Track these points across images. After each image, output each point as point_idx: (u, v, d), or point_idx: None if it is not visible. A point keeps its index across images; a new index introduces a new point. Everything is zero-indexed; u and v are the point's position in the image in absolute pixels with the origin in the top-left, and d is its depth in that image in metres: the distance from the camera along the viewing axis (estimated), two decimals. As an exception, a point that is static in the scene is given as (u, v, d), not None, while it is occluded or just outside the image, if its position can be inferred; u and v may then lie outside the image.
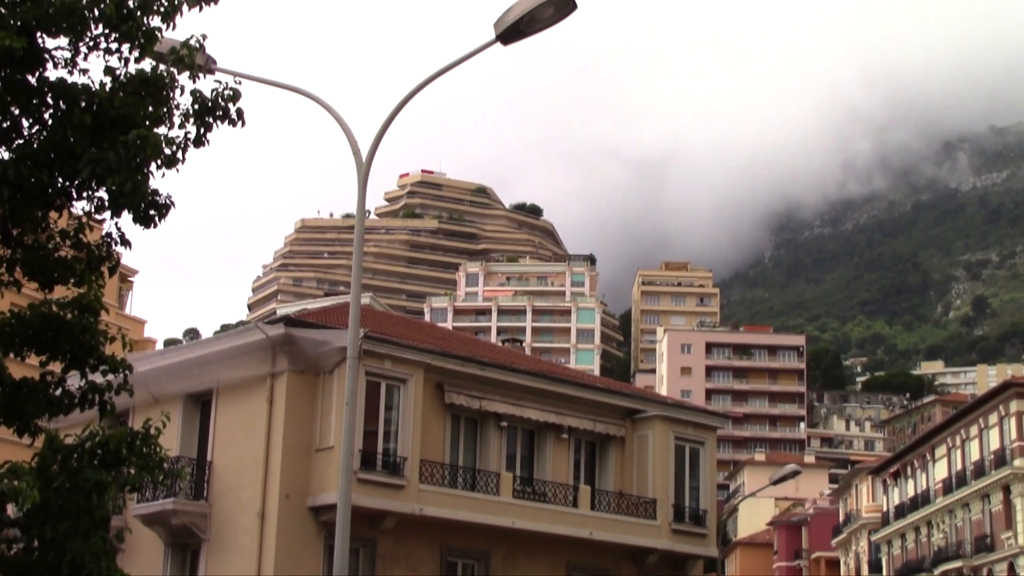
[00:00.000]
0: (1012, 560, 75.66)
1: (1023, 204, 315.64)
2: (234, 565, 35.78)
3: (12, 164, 12.75)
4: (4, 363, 13.01)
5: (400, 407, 36.30)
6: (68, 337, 13.20)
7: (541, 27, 16.53)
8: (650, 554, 41.14)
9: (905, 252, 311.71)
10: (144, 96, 13.29)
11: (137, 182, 12.90)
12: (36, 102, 13.20)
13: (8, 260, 13.37)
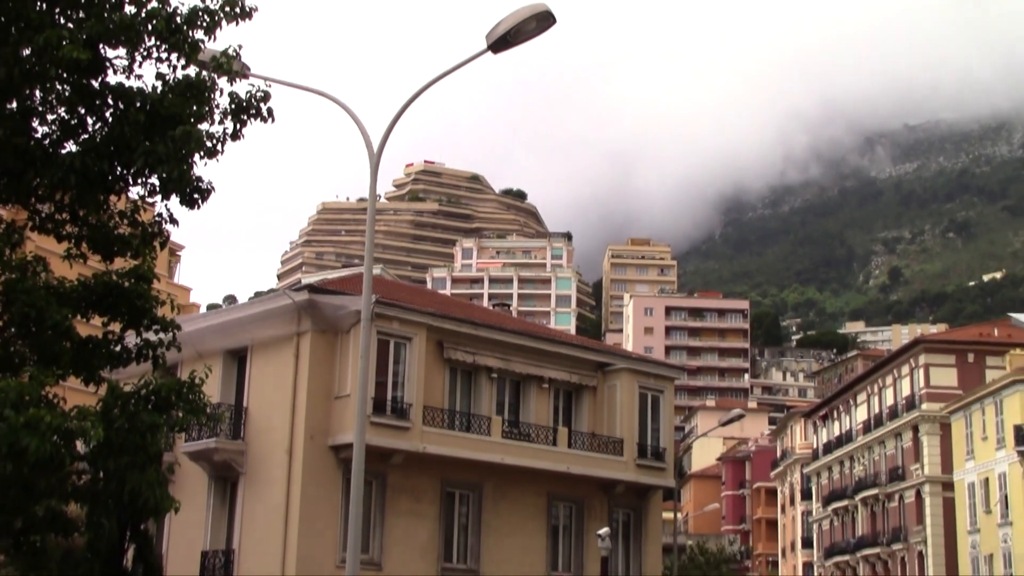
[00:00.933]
0: (919, 487, 76.11)
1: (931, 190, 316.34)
2: (266, 495, 35.87)
3: (78, 156, 12.77)
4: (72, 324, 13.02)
5: (406, 361, 36.35)
6: (126, 302, 13.22)
7: (525, 38, 16.64)
8: (618, 485, 41.27)
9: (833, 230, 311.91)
10: (189, 97, 13.30)
11: (183, 171, 12.94)
12: (99, 103, 13.21)
13: (76, 237, 13.40)
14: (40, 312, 12.48)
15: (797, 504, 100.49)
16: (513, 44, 16.81)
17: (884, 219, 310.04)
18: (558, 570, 40.41)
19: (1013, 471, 65.00)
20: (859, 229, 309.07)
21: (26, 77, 12.62)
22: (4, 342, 12.94)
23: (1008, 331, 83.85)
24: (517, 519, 39.35)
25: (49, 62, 12.42)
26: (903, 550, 78.45)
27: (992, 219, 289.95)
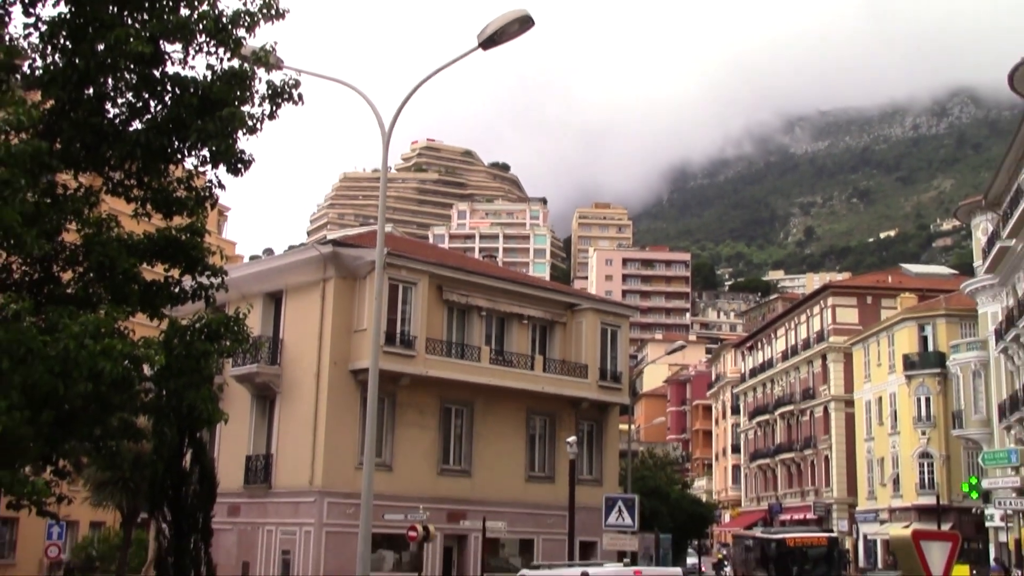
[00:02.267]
0: (826, 404, 76.68)
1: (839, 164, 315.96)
2: (299, 410, 36.01)
3: (143, 132, 12.72)
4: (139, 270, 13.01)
5: (412, 302, 36.37)
6: (183, 252, 13.22)
7: (509, 38, 16.62)
8: (583, 402, 41.50)
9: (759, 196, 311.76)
10: (233, 84, 13.22)
11: (229, 145, 12.90)
12: (159, 89, 13.13)
13: (141, 199, 13.37)
14: (113, 260, 12.46)
15: (728, 418, 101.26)
16: (499, 43, 16.78)
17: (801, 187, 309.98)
18: (535, 471, 40.73)
19: (901, 391, 65.57)
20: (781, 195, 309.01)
21: (100, 68, 12.55)
22: (84, 285, 12.94)
23: (900, 278, 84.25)
24: (502, 429, 39.58)
25: (119, 55, 12.34)
26: (813, 454, 79.21)
27: (888, 187, 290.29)
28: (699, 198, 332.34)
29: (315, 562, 33.99)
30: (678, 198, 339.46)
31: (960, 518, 55.07)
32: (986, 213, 54.91)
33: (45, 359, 10.41)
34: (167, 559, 12.92)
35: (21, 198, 11.26)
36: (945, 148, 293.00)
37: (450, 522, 36.87)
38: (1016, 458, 43.45)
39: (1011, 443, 48.40)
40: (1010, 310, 48.99)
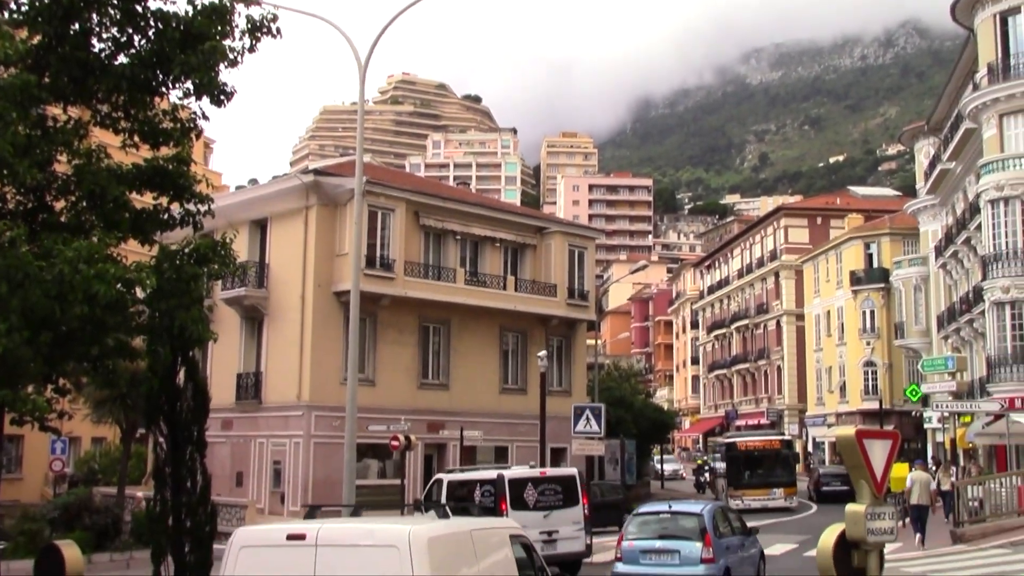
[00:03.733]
0: (778, 318, 77.47)
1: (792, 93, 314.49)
2: (285, 330, 36.02)
3: (128, 66, 12.48)
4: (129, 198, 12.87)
5: (390, 227, 36.24)
6: (170, 181, 13.06)
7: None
8: (553, 319, 41.72)
9: (717, 124, 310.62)
10: (214, 19, 12.94)
11: (211, 77, 12.68)
12: (143, 24, 12.85)
13: (128, 130, 13.17)
14: (103, 189, 12.32)
15: (687, 332, 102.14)
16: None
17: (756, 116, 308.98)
18: (508, 383, 41.07)
19: (848, 305, 66.28)
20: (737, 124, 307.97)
21: (85, 3, 12.27)
22: (76, 213, 12.81)
23: (847, 200, 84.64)
24: (477, 346, 39.79)
25: (103, -10, 12.06)
26: (766, 365, 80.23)
27: (837, 115, 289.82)
28: (660, 127, 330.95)
29: (304, 471, 34.35)
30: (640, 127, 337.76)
31: (901, 420, 56.14)
32: (928, 138, 55.04)
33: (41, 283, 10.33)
34: (164, 470, 12.95)
35: (12, 130, 11.08)
36: (891, 77, 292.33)
37: (430, 432, 37.25)
38: (952, 364, 44.17)
39: (948, 351, 49.19)
40: (949, 228, 49.41)
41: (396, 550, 7.74)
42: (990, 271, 37.87)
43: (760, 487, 43.04)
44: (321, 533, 8.19)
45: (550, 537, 20.87)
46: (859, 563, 8.45)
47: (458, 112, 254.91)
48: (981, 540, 24.08)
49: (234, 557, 8.49)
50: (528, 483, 21.42)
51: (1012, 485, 26.82)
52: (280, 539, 8.38)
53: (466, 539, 8.58)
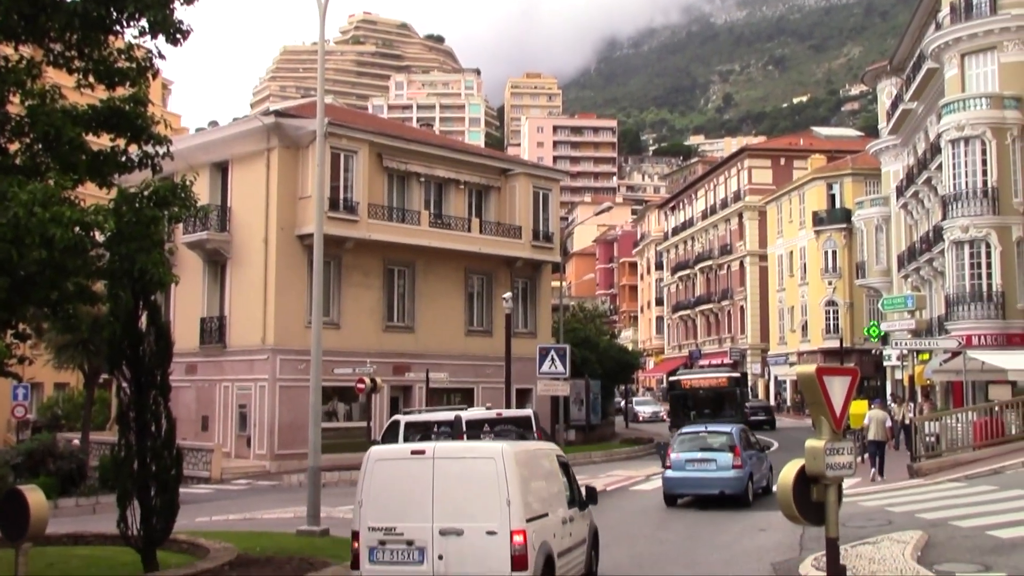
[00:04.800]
0: (742, 259, 78.03)
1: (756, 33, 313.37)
2: (249, 274, 35.82)
3: (80, 3, 12.12)
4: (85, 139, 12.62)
5: (354, 169, 35.99)
6: (127, 121, 12.78)
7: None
8: (518, 261, 41.79)
9: (681, 65, 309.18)
10: (168, -46, 12.54)
11: (166, 15, 12.33)
12: (95, -40, 12.42)
13: (83, 70, 12.85)
14: (58, 130, 12.05)
15: (652, 273, 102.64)
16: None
17: (720, 56, 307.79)
18: (474, 325, 41.21)
19: (810, 245, 66.86)
20: (701, 64, 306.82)
21: (35, -62, 11.87)
22: (31, 155, 12.54)
23: (811, 141, 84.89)
24: (442, 288, 39.82)
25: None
26: (729, 305, 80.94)
27: (801, 55, 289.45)
28: (625, 67, 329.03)
29: (270, 414, 34.39)
30: (605, 68, 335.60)
31: (861, 358, 57.03)
32: (891, 78, 55.15)
33: (-4, 227, 10.15)
34: (129, 415, 12.91)
35: (-38, 70, 10.77)
36: (855, 16, 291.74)
37: (396, 374, 37.36)
38: (912, 303, 44.78)
39: (908, 290, 49.83)
40: (910, 168, 49.76)
41: (493, 460, 10.95)
42: (950, 211, 38.27)
43: None
44: (437, 449, 11.23)
45: None
46: (818, 497, 8.61)
47: (421, 52, 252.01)
48: (937, 474, 24.64)
49: (371, 468, 11.39)
50: (485, 424, 22.06)
51: (967, 420, 27.39)
52: (406, 454, 11.43)
53: (532, 454, 12.09)
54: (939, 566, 13.58)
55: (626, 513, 21.30)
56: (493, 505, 10.72)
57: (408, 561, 10.83)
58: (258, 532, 18.01)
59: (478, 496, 10.87)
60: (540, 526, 11.13)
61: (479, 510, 10.78)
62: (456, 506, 10.87)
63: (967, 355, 29.80)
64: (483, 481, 10.87)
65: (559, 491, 12.42)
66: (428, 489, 10.95)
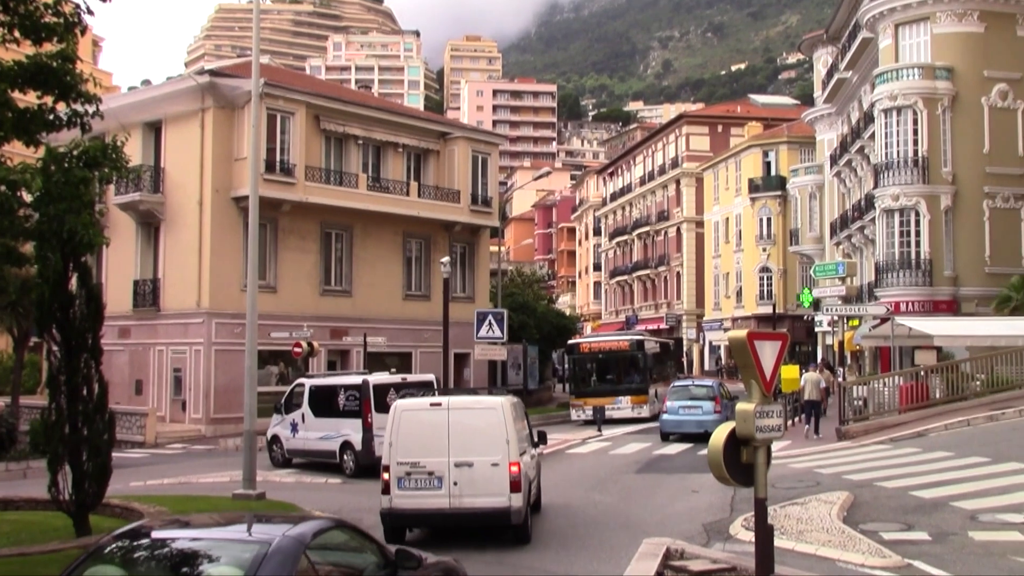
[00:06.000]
0: (679, 225, 78.71)
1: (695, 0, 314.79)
2: (183, 236, 35.29)
3: (4, -45, 11.73)
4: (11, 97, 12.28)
5: (290, 131, 35.55)
6: (55, 78, 12.44)
7: None
8: (456, 225, 41.71)
9: (621, 30, 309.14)
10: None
11: (96, -32, 12.02)
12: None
13: (8, 24, 12.46)
14: (-18, 86, 11.72)
15: (590, 239, 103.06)
16: None
17: (660, 22, 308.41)
18: (412, 289, 41.12)
19: (746, 212, 67.68)
20: (641, 29, 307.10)
21: None
22: (-47, 113, 12.16)
23: (748, 108, 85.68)
24: (380, 252, 39.64)
25: None
26: (666, 271, 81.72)
27: (740, 22, 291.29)
28: (565, 31, 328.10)
29: (206, 378, 34.07)
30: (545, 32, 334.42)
31: (793, 324, 58.05)
32: (827, 47, 55.80)
33: (-81, 185, 9.87)
34: (59, 378, 12.70)
35: None
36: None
37: (333, 338, 37.19)
38: (843, 270, 45.62)
39: (839, 257, 50.77)
40: (844, 137, 50.53)
41: (495, 410, 14.09)
42: (881, 179, 38.99)
43: (604, 395, 37.08)
44: (451, 401, 14.31)
45: None
46: (748, 459, 8.79)
47: (359, 13, 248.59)
48: (864, 437, 25.28)
49: (398, 417, 14.12)
50: (391, 388, 22.75)
51: (894, 385, 28.10)
52: (425, 406, 14.37)
53: (516, 404, 15.04)
54: (864, 525, 13.99)
55: (562, 476, 21.56)
56: (496, 444, 13.79)
57: (429, 487, 13.65)
58: (193, 496, 17.91)
59: (484, 437, 13.85)
60: (524, 460, 14.20)
61: (485, 447, 13.77)
62: (466, 445, 13.77)
63: (895, 321, 30.49)
64: (488, 425, 13.92)
65: (527, 434, 15.39)
66: (444, 432, 13.81)
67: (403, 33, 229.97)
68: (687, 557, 11.71)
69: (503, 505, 13.54)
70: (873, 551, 12.19)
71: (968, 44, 38.53)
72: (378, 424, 21.50)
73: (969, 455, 19.49)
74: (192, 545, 6.57)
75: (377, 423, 21.64)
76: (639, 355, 38.67)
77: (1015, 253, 38.11)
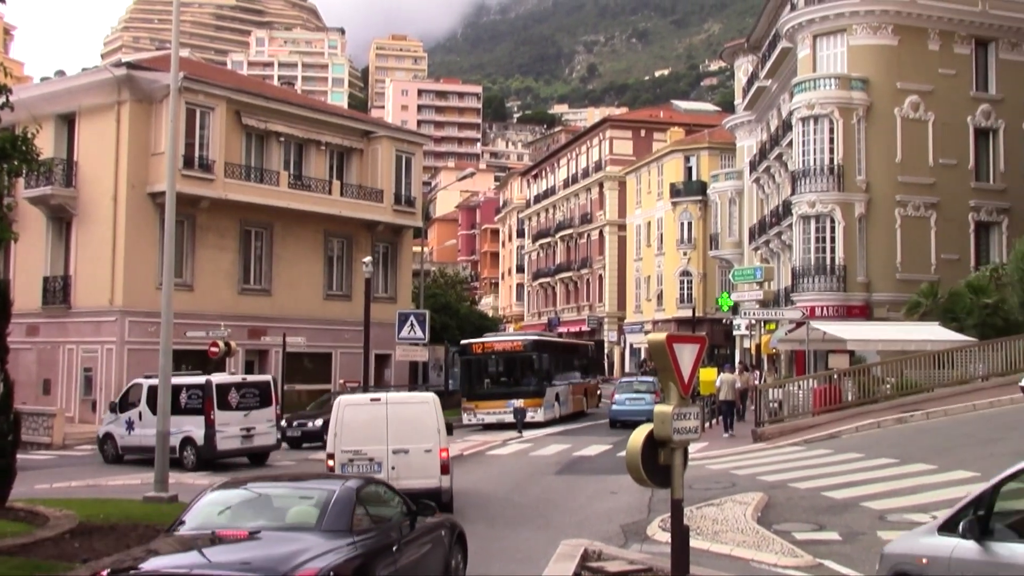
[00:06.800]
0: (602, 228, 79.29)
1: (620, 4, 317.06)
2: (96, 232, 34.49)
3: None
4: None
5: (210, 127, 34.98)
6: (-40, 67, 12.07)
7: None
8: (379, 225, 41.46)
9: (547, 33, 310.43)
10: None
11: (5, -46, 11.64)
12: None
13: (-90, 9, 12.02)
14: None
15: (514, 240, 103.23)
16: None
17: (585, 26, 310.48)
18: (333, 289, 40.76)
19: (667, 216, 68.47)
20: (567, 33, 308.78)
21: None
22: None
23: (671, 114, 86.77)
24: (301, 251, 39.21)
25: None
26: (588, 273, 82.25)
27: (663, 29, 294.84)
28: (492, 33, 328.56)
29: (118, 377, 33.29)
30: (471, 33, 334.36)
31: (713, 328, 58.90)
32: (748, 55, 56.77)
33: None
34: (-38, 376, 12.27)
35: None
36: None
37: (251, 338, 36.65)
38: (760, 274, 46.25)
39: (757, 262, 51.65)
40: (763, 144, 51.45)
41: (427, 404, 16.37)
42: (799, 186, 39.78)
43: (496, 397, 35.55)
44: (389, 397, 16.61)
45: (248, 433, 24.87)
46: (665, 460, 8.85)
47: (283, 9, 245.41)
48: (779, 438, 25.74)
49: (341, 411, 16.04)
50: (232, 388, 24.71)
51: (808, 387, 28.68)
52: (367, 401, 16.58)
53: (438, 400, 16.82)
54: (777, 526, 14.23)
55: (483, 478, 21.54)
56: (428, 433, 15.98)
57: (370, 472, 15.03)
58: (102, 499, 17.44)
59: (418, 427, 15.96)
60: (448, 447, 16.38)
61: (419, 436, 15.90)
62: (403, 434, 15.83)
63: (810, 325, 31.13)
64: (421, 417, 16.08)
65: (444, 425, 16.76)
66: (383, 423, 15.85)
67: (328, 30, 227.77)
68: (604, 558, 11.77)
69: (435, 486, 15.46)
70: (786, 551, 12.41)
71: (882, 56, 39.54)
72: (220, 420, 24.07)
73: (879, 456, 19.97)
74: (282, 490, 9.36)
75: (220, 420, 24.03)
76: (534, 356, 36.90)
77: (925, 260, 39.21)
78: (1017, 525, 6.88)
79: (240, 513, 8.61)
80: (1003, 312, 32.03)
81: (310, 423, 29.84)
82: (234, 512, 8.62)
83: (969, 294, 33.21)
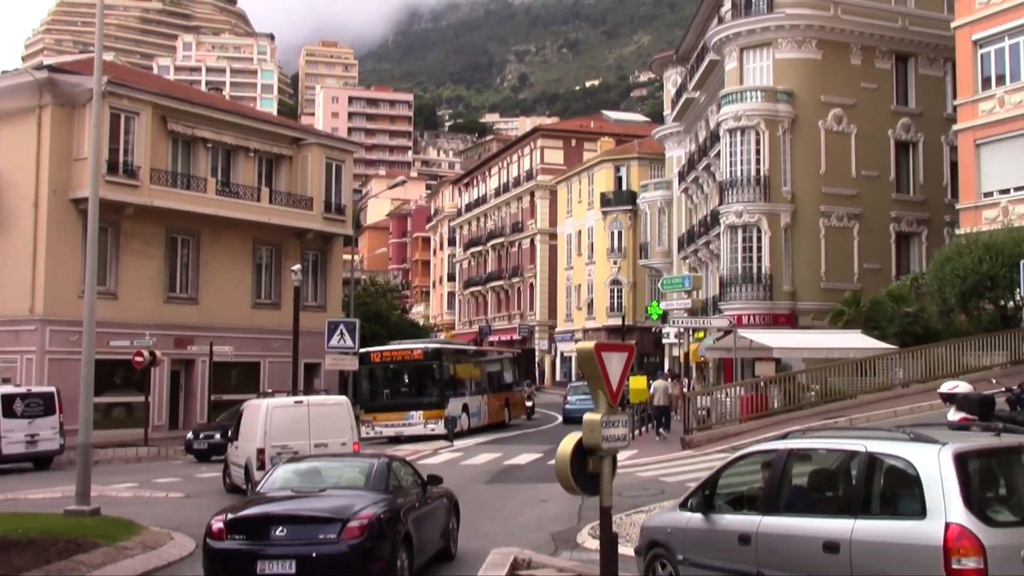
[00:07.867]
0: (532, 237, 79.62)
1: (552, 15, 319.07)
2: (15, 239, 33.67)
3: None
4: None
5: (135, 132, 34.37)
6: None
7: None
8: (308, 232, 41.09)
9: (479, 42, 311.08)
10: None
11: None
12: None
13: None
14: None
15: (445, 249, 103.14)
16: None
17: (517, 36, 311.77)
18: (261, 298, 40.28)
19: (598, 225, 69.06)
20: (498, 43, 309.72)
21: None
22: None
23: (601, 124, 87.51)
24: (229, 259, 38.69)
25: None
26: (519, 282, 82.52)
27: (594, 40, 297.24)
28: (423, 41, 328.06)
29: (38, 388, 32.42)
30: (403, 41, 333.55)
31: (642, 336, 59.49)
32: (677, 67, 57.53)
33: None
34: None
35: None
36: (645, 6, 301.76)
37: (177, 347, 36.02)
38: (688, 283, 46.97)
39: (686, 271, 52.32)
40: (691, 155, 52.16)
41: (341, 404, 19.97)
42: (726, 196, 40.39)
43: (395, 409, 34.60)
44: (309, 399, 20.12)
45: (33, 439, 27.27)
46: (594, 468, 8.91)
47: (211, 13, 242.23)
48: (707, 445, 26.05)
49: (269, 412, 18.91)
50: (17, 397, 27.30)
51: (735, 395, 29.08)
52: (291, 403, 19.66)
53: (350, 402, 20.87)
54: (705, 532, 14.37)
55: (412, 487, 21.45)
56: (343, 429, 19.23)
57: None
58: (21, 513, 16.97)
59: (335, 425, 19.12)
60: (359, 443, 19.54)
61: (336, 432, 18.99)
62: (322, 430, 18.88)
63: (737, 334, 31.59)
64: (337, 416, 19.39)
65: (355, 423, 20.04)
66: (306, 422, 18.95)
67: (257, 36, 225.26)
68: (534, 566, 11.80)
69: None
70: (713, 557, 12.53)
71: (807, 70, 40.38)
72: (5, 428, 26.70)
73: (804, 463, 20.29)
74: (334, 463, 13.05)
75: (5, 427, 26.67)
76: (435, 366, 35.41)
77: (848, 270, 40.09)
78: (733, 501, 9.14)
79: (307, 478, 12.12)
80: (923, 320, 32.83)
81: (217, 435, 28.52)
82: (301, 478, 12.13)
83: (890, 303, 33.99)
